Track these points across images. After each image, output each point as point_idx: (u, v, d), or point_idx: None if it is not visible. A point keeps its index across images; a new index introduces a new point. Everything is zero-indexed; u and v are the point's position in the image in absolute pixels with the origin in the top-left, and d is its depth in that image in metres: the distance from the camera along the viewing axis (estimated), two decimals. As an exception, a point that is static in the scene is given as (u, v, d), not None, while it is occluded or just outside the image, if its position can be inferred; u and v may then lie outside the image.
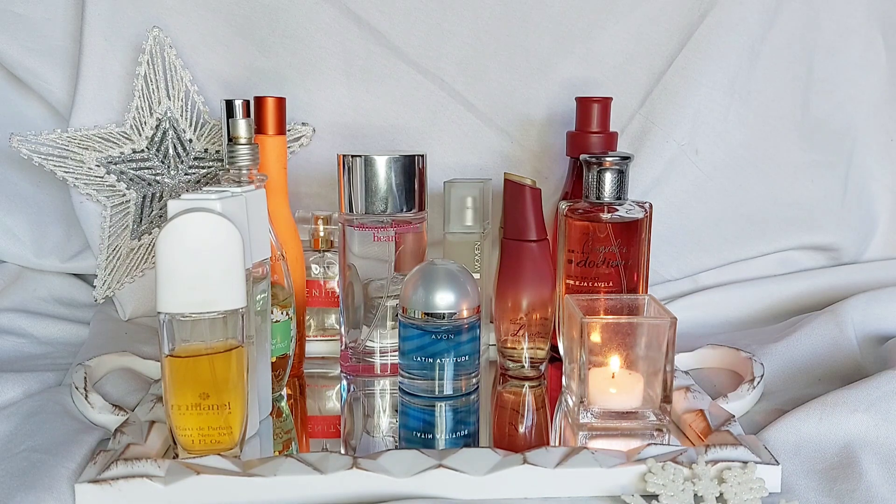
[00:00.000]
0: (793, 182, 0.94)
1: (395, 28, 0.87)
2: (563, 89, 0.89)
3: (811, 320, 0.79)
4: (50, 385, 0.70)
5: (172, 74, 0.85)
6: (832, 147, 0.94)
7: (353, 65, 0.88)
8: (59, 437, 0.58)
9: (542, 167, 0.91)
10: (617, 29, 0.88)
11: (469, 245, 0.79)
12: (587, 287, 0.72)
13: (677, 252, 0.94)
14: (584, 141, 0.80)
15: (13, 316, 0.85)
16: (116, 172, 0.85)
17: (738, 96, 0.90)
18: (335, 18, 0.86)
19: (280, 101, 0.75)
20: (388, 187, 0.71)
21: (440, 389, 0.65)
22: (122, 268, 0.88)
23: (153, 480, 0.51)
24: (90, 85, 0.85)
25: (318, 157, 0.90)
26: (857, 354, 0.75)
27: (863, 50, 0.92)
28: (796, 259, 0.96)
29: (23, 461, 0.55)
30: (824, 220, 0.95)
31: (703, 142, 0.90)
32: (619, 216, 0.71)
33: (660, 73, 0.89)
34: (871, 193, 0.96)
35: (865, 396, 0.61)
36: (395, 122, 0.89)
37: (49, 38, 0.86)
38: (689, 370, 0.75)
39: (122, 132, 0.85)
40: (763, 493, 0.51)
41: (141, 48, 0.84)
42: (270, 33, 0.87)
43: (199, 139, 0.87)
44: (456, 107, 0.89)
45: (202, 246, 0.52)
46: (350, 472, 0.52)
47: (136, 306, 0.90)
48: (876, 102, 0.94)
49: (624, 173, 0.71)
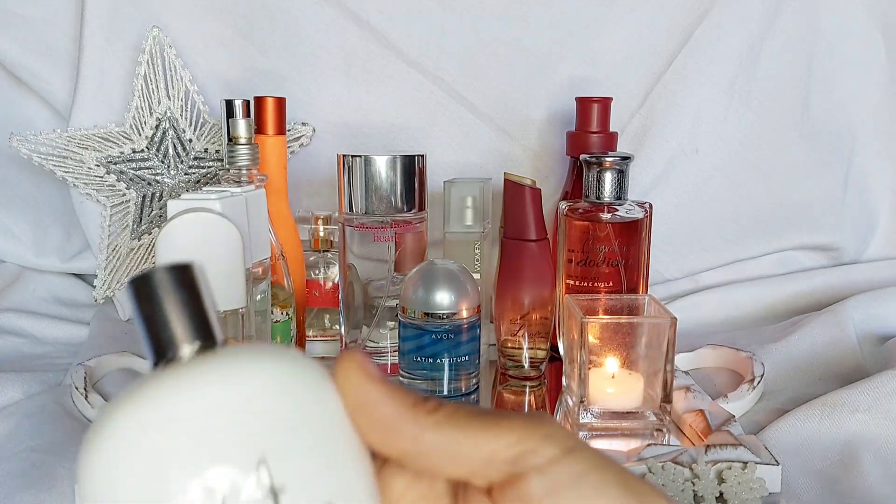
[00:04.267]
0: (793, 182, 0.94)
1: (395, 28, 0.87)
2: (564, 89, 0.89)
3: (811, 320, 0.79)
4: (50, 385, 0.70)
5: (172, 74, 0.85)
6: (832, 146, 0.94)
7: (353, 65, 0.88)
8: (59, 438, 0.58)
9: (542, 167, 0.91)
10: (617, 29, 0.88)
11: (469, 245, 0.79)
12: (587, 287, 0.72)
13: (677, 252, 0.94)
14: (585, 141, 0.80)
15: (13, 316, 0.85)
16: (116, 172, 0.85)
17: (738, 96, 0.90)
18: (335, 18, 0.86)
19: (280, 100, 0.75)
20: (388, 187, 0.71)
21: (440, 389, 0.65)
22: (122, 268, 0.88)
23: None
24: (90, 85, 0.85)
25: (318, 157, 0.90)
26: (858, 354, 0.74)
27: (863, 49, 0.92)
28: (797, 259, 0.96)
29: (23, 461, 0.55)
30: (824, 220, 0.95)
31: (703, 141, 0.90)
32: (619, 216, 0.71)
33: (660, 73, 0.89)
34: (872, 193, 0.96)
35: (866, 396, 0.61)
36: (395, 121, 0.89)
37: (49, 37, 0.86)
38: (689, 370, 0.75)
39: (121, 132, 0.85)
40: (763, 493, 0.51)
41: (141, 48, 0.84)
42: (270, 33, 0.87)
43: (198, 139, 0.87)
44: (456, 106, 0.89)
45: (202, 246, 0.51)
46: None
47: (136, 306, 0.90)
48: (876, 102, 0.94)
49: (624, 173, 0.71)
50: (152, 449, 0.21)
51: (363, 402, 0.26)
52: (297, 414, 0.23)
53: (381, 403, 0.26)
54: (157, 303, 0.24)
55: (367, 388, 0.26)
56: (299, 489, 0.22)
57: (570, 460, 0.26)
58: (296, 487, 0.22)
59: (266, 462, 0.22)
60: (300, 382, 0.24)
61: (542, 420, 0.26)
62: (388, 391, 0.26)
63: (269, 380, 0.23)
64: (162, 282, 0.24)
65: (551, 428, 0.26)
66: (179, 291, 0.24)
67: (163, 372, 0.23)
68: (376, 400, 0.26)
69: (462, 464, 0.26)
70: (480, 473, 0.26)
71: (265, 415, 0.22)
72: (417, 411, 0.26)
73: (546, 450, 0.26)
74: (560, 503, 0.25)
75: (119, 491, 0.22)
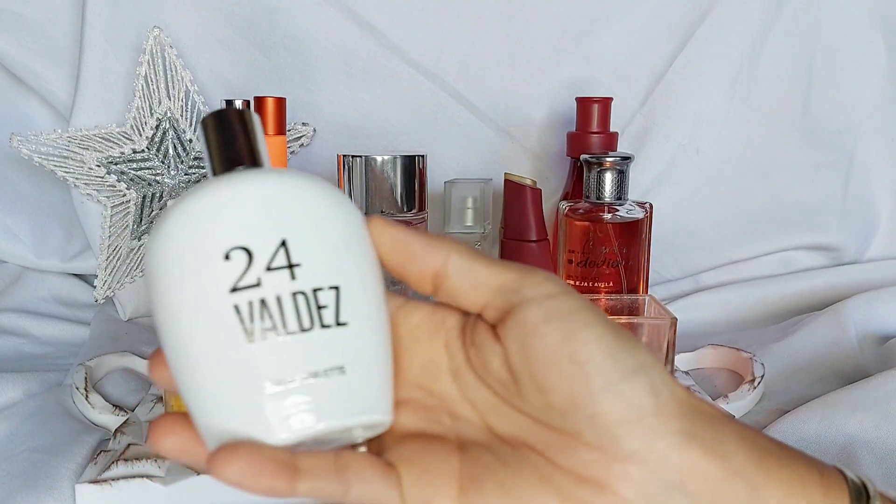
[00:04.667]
0: (794, 182, 0.94)
1: (395, 28, 0.87)
2: (564, 89, 0.89)
3: (812, 320, 0.79)
4: (50, 385, 0.70)
5: (173, 74, 0.85)
6: (833, 146, 0.94)
7: (354, 65, 0.88)
8: (59, 438, 0.58)
9: (543, 167, 0.91)
10: (617, 29, 0.88)
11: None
12: (587, 287, 0.72)
13: (678, 252, 0.94)
14: (585, 141, 0.80)
15: (13, 316, 0.85)
16: (117, 172, 0.85)
17: (738, 96, 0.90)
18: (336, 18, 0.86)
19: (280, 101, 0.75)
20: (388, 188, 0.70)
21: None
22: (123, 268, 0.88)
23: (154, 481, 0.51)
24: (91, 85, 0.85)
25: (319, 157, 0.90)
26: (858, 354, 0.74)
27: (863, 49, 0.92)
28: (797, 259, 0.96)
29: (23, 461, 0.55)
30: (825, 220, 0.95)
31: (703, 142, 0.90)
32: (619, 216, 0.71)
33: (660, 73, 0.89)
34: (873, 193, 0.96)
35: (866, 396, 0.61)
36: (395, 122, 0.89)
37: (49, 38, 0.86)
38: (689, 370, 0.75)
39: (122, 132, 0.85)
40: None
41: (141, 48, 0.84)
42: (271, 33, 0.87)
43: (198, 139, 0.87)
44: (456, 107, 0.89)
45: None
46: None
47: (137, 306, 0.90)
48: (877, 101, 0.94)
49: (624, 173, 0.71)
50: (206, 222, 0.29)
51: (397, 239, 0.31)
52: (317, 212, 0.30)
53: (413, 239, 0.31)
54: (224, 129, 0.32)
55: (399, 230, 0.31)
56: (312, 268, 0.29)
57: (565, 297, 0.30)
58: (310, 266, 0.29)
59: (287, 242, 0.28)
60: (324, 193, 0.30)
61: (544, 269, 0.31)
62: (417, 231, 0.31)
63: (295, 184, 0.30)
64: (229, 115, 0.32)
65: (551, 274, 0.31)
66: (240, 124, 0.32)
67: (221, 176, 0.30)
68: (409, 238, 0.31)
69: (479, 291, 0.31)
70: (491, 304, 0.31)
71: (290, 207, 0.29)
72: (445, 241, 0.31)
73: (546, 286, 0.30)
74: (553, 331, 0.29)
75: (186, 251, 0.28)
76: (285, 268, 0.28)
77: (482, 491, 0.30)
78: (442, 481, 0.30)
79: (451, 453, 0.31)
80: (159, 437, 0.30)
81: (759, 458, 0.30)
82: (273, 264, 0.28)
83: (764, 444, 0.31)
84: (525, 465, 0.30)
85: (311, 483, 0.28)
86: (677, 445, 0.28)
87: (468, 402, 0.32)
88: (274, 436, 0.28)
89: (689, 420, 0.29)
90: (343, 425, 0.29)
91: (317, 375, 0.28)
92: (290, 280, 0.28)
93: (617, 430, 0.28)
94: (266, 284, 0.28)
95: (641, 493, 0.28)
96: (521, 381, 0.30)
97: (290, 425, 0.28)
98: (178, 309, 0.28)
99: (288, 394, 0.28)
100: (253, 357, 0.28)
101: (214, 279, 0.28)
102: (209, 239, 0.28)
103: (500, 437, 0.31)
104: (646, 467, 0.28)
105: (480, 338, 0.31)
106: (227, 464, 0.27)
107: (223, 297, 0.28)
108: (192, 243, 0.28)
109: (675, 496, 0.28)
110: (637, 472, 0.28)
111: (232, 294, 0.28)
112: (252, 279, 0.28)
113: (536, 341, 0.29)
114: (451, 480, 0.30)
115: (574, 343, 0.28)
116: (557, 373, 0.29)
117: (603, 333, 0.29)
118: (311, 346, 0.28)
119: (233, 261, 0.28)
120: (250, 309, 0.28)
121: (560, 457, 0.30)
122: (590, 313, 0.29)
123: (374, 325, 0.30)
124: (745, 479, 0.29)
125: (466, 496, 0.30)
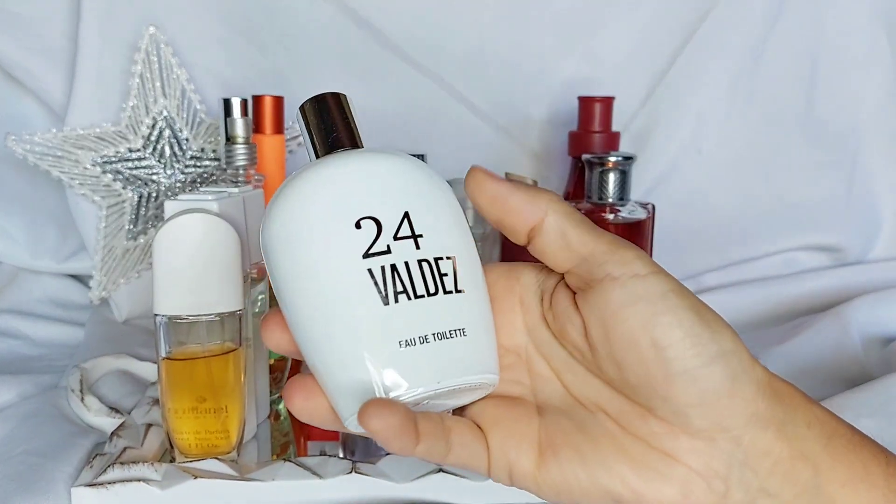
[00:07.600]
0: (797, 182, 0.93)
1: (395, 27, 0.86)
2: (565, 88, 0.88)
3: (815, 322, 0.79)
4: (46, 387, 0.69)
5: (169, 73, 0.84)
6: (836, 147, 0.94)
7: (353, 64, 0.87)
8: (55, 441, 0.58)
9: (543, 167, 0.91)
10: (619, 28, 0.88)
11: (469, 245, 0.78)
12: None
13: (680, 252, 0.93)
14: (587, 141, 0.80)
15: (8, 317, 0.84)
16: (112, 172, 0.85)
17: (741, 96, 0.90)
18: (334, 17, 0.86)
19: (278, 99, 0.74)
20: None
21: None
22: (118, 269, 0.87)
23: (150, 484, 0.50)
24: (86, 84, 0.84)
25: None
26: (862, 357, 0.74)
27: (867, 49, 0.92)
28: (800, 259, 0.95)
29: (19, 465, 0.54)
30: (829, 221, 0.94)
31: (705, 141, 0.90)
32: (622, 217, 0.70)
33: (662, 73, 0.88)
34: (876, 193, 0.96)
35: (870, 400, 0.60)
36: (394, 121, 0.89)
37: (45, 36, 0.86)
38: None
39: (117, 131, 0.84)
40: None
41: (137, 47, 0.83)
42: (269, 31, 0.86)
43: (195, 138, 0.86)
44: (457, 106, 0.89)
45: (199, 247, 0.51)
46: (349, 477, 0.51)
47: (132, 308, 0.89)
48: (881, 101, 0.93)
49: (626, 173, 0.70)
50: (338, 194, 0.31)
51: (497, 194, 0.31)
52: (429, 188, 0.32)
53: (511, 194, 0.31)
54: (324, 114, 0.35)
55: (499, 185, 0.31)
56: (432, 239, 0.31)
57: (654, 279, 0.29)
58: (430, 236, 0.31)
59: (409, 215, 0.31)
60: (427, 171, 0.33)
61: (635, 246, 0.31)
62: (516, 186, 0.31)
63: (407, 162, 0.33)
64: (328, 100, 0.35)
65: (642, 252, 0.30)
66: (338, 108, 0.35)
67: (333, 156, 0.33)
68: (508, 193, 0.31)
69: (567, 255, 0.31)
70: (576, 271, 0.31)
71: (407, 183, 0.32)
72: (543, 198, 0.31)
73: (634, 265, 0.30)
74: (635, 314, 0.29)
75: (319, 220, 0.31)
76: (410, 238, 0.31)
77: (558, 456, 0.31)
78: (524, 445, 0.31)
79: (531, 417, 0.32)
80: (291, 395, 0.31)
81: (827, 440, 0.30)
82: (399, 234, 0.31)
83: (835, 428, 0.31)
84: (601, 432, 0.31)
85: (426, 444, 0.29)
86: (746, 427, 0.29)
87: (543, 358, 0.33)
88: (405, 391, 0.30)
89: (764, 402, 0.29)
90: (465, 383, 0.31)
91: (444, 337, 0.30)
92: (415, 249, 0.31)
93: (689, 411, 0.29)
94: (395, 252, 0.30)
95: (708, 466, 0.29)
96: (598, 353, 0.30)
97: (419, 381, 0.30)
98: (313, 273, 0.30)
99: (418, 352, 0.30)
100: (388, 317, 0.30)
101: (349, 245, 0.30)
102: (343, 209, 0.31)
103: (577, 399, 0.32)
104: (714, 445, 0.29)
105: (560, 306, 0.32)
106: (376, 417, 0.28)
107: (357, 261, 0.30)
108: (325, 213, 0.31)
109: (742, 472, 0.29)
110: (705, 447, 0.29)
111: (365, 259, 0.30)
112: (382, 246, 0.30)
113: (618, 323, 0.29)
114: (532, 445, 0.31)
115: (655, 328, 0.29)
116: (636, 356, 0.29)
117: (686, 318, 0.29)
118: (437, 309, 0.30)
119: (364, 229, 0.30)
120: (383, 273, 0.30)
121: (633, 425, 0.30)
122: (676, 297, 0.29)
123: (482, 292, 0.33)
124: (811, 461, 0.30)
125: (544, 460, 0.31)
